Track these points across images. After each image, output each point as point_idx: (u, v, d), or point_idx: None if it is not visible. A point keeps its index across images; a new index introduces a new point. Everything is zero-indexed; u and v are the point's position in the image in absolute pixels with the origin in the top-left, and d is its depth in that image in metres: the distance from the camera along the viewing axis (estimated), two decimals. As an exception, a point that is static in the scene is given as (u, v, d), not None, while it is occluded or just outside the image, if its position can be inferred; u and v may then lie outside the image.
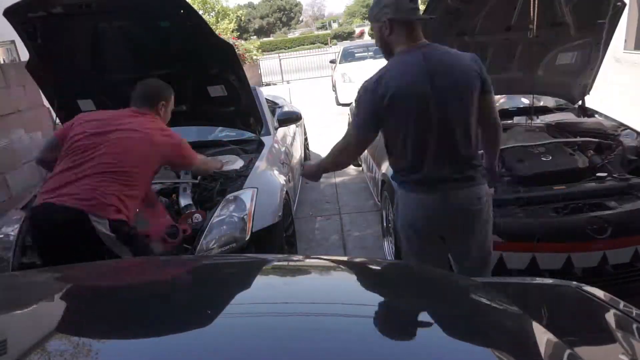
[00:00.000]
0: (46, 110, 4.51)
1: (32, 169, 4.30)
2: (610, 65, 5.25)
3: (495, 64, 3.32)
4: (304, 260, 1.55)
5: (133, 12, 2.69)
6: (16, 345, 0.86)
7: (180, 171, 2.98)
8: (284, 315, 0.96)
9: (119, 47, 2.87)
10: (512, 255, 2.36)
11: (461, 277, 1.37)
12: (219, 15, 16.71)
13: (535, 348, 0.93)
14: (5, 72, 4.15)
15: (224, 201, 2.53)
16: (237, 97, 3.15)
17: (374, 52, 12.21)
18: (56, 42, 2.77)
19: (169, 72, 3.02)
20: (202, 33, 2.71)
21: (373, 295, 1.14)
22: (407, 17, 1.75)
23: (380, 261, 1.94)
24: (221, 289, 1.16)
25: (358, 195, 4.71)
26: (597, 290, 1.31)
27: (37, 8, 2.54)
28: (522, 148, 2.84)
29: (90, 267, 1.45)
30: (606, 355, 1.02)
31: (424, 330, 0.93)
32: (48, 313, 1.02)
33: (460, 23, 2.94)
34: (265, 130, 3.58)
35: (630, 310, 1.20)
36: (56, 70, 2.97)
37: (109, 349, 0.85)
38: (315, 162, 2.22)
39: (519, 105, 4.17)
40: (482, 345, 0.90)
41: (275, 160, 3.38)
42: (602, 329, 1.15)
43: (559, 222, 2.36)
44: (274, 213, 2.64)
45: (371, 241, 3.64)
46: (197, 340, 0.85)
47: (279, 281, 1.26)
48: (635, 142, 2.95)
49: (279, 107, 4.96)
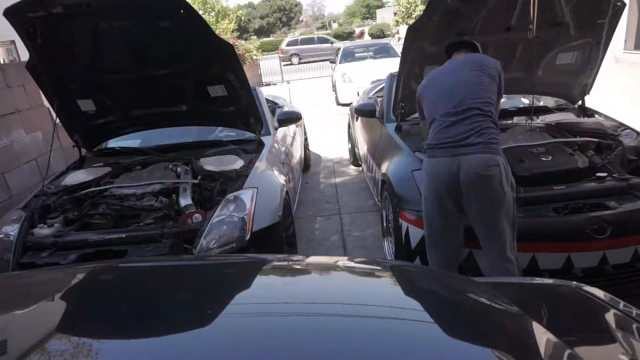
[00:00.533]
0: (46, 110, 4.51)
1: (32, 169, 4.31)
2: (610, 65, 5.24)
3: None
4: (304, 260, 1.55)
5: (133, 12, 2.69)
6: (16, 345, 0.86)
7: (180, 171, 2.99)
8: (284, 315, 0.96)
9: (119, 47, 2.87)
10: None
11: (461, 277, 1.37)
12: (219, 15, 16.70)
13: (535, 348, 0.93)
14: (5, 72, 4.15)
15: (224, 201, 2.53)
16: (237, 97, 3.15)
17: (374, 52, 12.23)
18: (56, 42, 2.77)
19: (169, 72, 3.02)
20: (202, 33, 2.71)
21: (373, 295, 1.14)
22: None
23: (380, 261, 1.94)
24: (221, 289, 1.16)
25: (358, 195, 4.70)
26: (597, 290, 1.31)
27: (37, 8, 2.53)
28: (522, 148, 2.84)
29: (90, 267, 1.45)
30: (606, 355, 1.02)
31: (424, 330, 0.93)
32: (48, 313, 1.02)
33: (460, 23, 2.94)
34: (265, 130, 3.58)
35: (630, 310, 1.20)
36: (56, 70, 2.97)
37: (109, 349, 0.86)
38: None
39: (519, 105, 4.17)
40: (482, 345, 0.90)
41: (275, 160, 3.38)
42: (602, 329, 1.15)
43: (559, 222, 2.36)
44: (274, 213, 2.64)
45: (371, 241, 3.64)
46: (197, 340, 0.85)
47: (279, 281, 1.26)
48: (635, 142, 2.95)
49: (279, 107, 4.96)
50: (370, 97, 5.03)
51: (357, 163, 5.35)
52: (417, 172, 2.72)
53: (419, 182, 2.65)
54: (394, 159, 3.12)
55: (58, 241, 2.38)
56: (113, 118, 3.39)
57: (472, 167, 2.14)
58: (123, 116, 3.39)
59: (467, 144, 2.17)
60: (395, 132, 3.47)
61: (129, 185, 2.83)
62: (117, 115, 3.37)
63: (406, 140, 3.26)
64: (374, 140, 3.93)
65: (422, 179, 2.67)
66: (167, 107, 3.33)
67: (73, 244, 2.36)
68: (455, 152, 2.19)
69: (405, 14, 18.32)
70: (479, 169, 2.13)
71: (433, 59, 3.15)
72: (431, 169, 2.30)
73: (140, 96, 3.25)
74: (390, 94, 3.81)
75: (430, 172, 2.31)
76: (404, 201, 2.68)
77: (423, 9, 2.73)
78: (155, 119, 3.42)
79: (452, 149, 2.20)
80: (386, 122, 3.68)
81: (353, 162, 5.69)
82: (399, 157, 3.08)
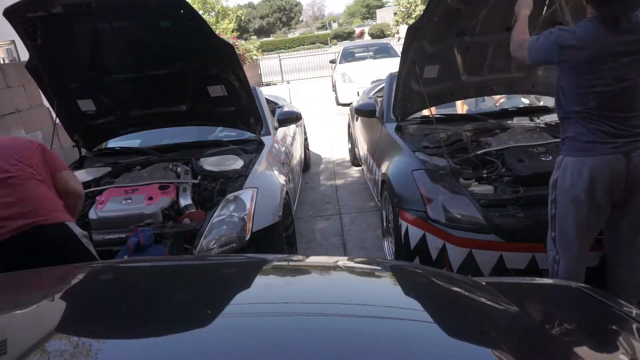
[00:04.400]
0: (46, 110, 4.51)
1: (32, 169, 4.30)
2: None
3: (496, 64, 3.33)
4: (304, 260, 1.55)
5: (133, 12, 2.69)
6: (16, 345, 0.86)
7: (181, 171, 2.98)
8: (284, 315, 0.96)
9: (119, 47, 2.87)
10: (512, 255, 2.36)
11: (461, 277, 1.37)
12: (219, 15, 16.72)
13: (536, 348, 0.93)
14: (5, 72, 4.15)
15: (224, 201, 2.53)
16: (237, 97, 3.15)
17: (374, 52, 12.23)
18: (56, 42, 2.77)
19: (169, 72, 3.02)
20: (202, 33, 2.71)
21: (373, 295, 1.14)
22: None
23: (380, 261, 1.94)
24: (221, 289, 1.16)
25: (358, 195, 4.70)
26: (597, 290, 1.31)
27: (37, 8, 2.54)
28: (522, 148, 2.84)
29: (90, 267, 1.45)
30: (606, 355, 1.02)
31: (424, 330, 0.93)
32: (48, 313, 1.02)
33: (460, 23, 2.94)
34: (265, 130, 3.59)
35: (630, 310, 1.20)
36: (56, 70, 2.97)
37: (109, 349, 0.86)
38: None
39: (519, 105, 4.17)
40: (482, 345, 0.90)
41: (275, 160, 3.38)
42: (602, 329, 1.15)
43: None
44: (274, 213, 2.64)
45: (371, 241, 3.64)
46: (197, 340, 0.85)
47: (279, 281, 1.26)
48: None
49: (279, 107, 4.96)
50: (370, 97, 5.03)
51: (357, 163, 5.35)
52: (417, 172, 2.72)
53: (419, 182, 2.65)
54: (394, 159, 3.12)
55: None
56: (113, 118, 3.40)
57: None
58: (123, 116, 3.39)
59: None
60: (395, 132, 3.47)
61: (129, 185, 2.83)
62: (117, 115, 3.37)
63: (406, 140, 3.26)
64: (374, 140, 3.93)
65: (422, 179, 2.67)
66: (167, 107, 3.33)
67: None
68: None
69: (405, 14, 18.30)
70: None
71: (433, 59, 3.16)
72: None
73: (140, 96, 3.25)
74: (390, 94, 3.81)
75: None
76: (404, 201, 2.69)
77: (423, 9, 2.73)
78: (155, 119, 3.42)
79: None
80: (386, 122, 3.69)
81: (353, 162, 5.69)
82: (399, 157, 3.08)
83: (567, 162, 2.01)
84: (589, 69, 1.92)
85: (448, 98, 3.61)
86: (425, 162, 2.88)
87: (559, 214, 2.07)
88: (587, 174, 1.95)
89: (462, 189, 2.55)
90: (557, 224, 2.09)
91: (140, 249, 2.21)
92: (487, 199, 2.52)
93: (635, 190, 1.98)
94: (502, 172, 2.77)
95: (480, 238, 2.37)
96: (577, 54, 1.92)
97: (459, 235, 2.40)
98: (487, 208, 2.44)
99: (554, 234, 2.11)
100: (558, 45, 1.95)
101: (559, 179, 2.04)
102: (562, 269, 2.10)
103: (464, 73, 3.34)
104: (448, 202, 2.48)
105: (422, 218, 2.52)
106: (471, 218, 2.40)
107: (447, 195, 2.52)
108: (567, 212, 2.04)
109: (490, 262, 2.37)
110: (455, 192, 2.53)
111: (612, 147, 1.93)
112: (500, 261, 2.36)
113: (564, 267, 2.09)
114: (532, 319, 1.04)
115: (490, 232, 2.35)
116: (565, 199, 2.03)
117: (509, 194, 2.57)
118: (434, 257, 2.48)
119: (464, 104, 4.37)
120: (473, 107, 4.41)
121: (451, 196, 2.51)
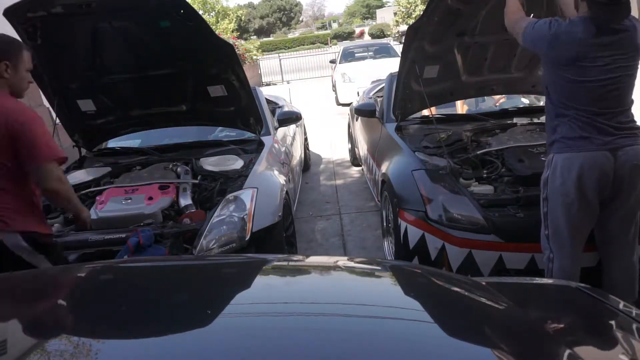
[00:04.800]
0: (46, 110, 4.51)
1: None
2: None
3: (496, 64, 3.33)
4: (304, 260, 1.55)
5: (133, 12, 2.69)
6: (16, 345, 0.86)
7: (179, 172, 2.98)
8: (284, 315, 0.96)
9: (119, 47, 2.87)
10: (511, 255, 2.36)
11: (461, 277, 1.37)
12: (219, 15, 16.72)
13: (535, 348, 0.93)
14: (5, 72, 4.14)
15: (224, 201, 2.53)
16: (237, 97, 3.15)
17: (374, 52, 12.23)
18: (56, 42, 2.77)
19: (169, 72, 3.03)
20: (202, 33, 2.71)
21: (373, 295, 1.14)
22: None
23: (380, 261, 1.94)
24: (221, 289, 1.16)
25: (358, 195, 4.70)
26: (597, 290, 1.31)
27: (37, 8, 2.53)
28: (522, 148, 2.84)
29: (90, 267, 1.45)
30: (606, 355, 1.02)
31: (423, 330, 0.93)
32: (48, 313, 1.02)
33: (460, 23, 2.94)
34: (265, 130, 3.59)
35: (630, 310, 1.20)
36: (56, 70, 2.97)
37: (109, 349, 0.86)
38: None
39: (519, 105, 4.17)
40: (482, 345, 0.91)
41: (275, 160, 3.38)
42: (602, 329, 1.15)
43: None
44: (274, 213, 2.64)
45: (371, 241, 3.64)
46: (197, 340, 0.85)
47: (279, 281, 1.26)
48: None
49: (279, 107, 4.96)
50: (370, 97, 5.03)
51: (357, 163, 5.35)
52: (417, 172, 2.72)
53: (419, 182, 2.65)
54: (394, 159, 3.12)
55: (58, 241, 2.38)
56: (113, 118, 3.40)
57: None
58: (123, 116, 3.39)
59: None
60: (395, 132, 3.47)
61: (129, 185, 2.83)
62: (117, 115, 3.37)
63: (406, 140, 3.26)
64: (374, 140, 3.93)
65: (422, 179, 2.67)
66: (167, 107, 3.33)
67: (73, 244, 2.36)
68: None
69: (405, 14, 18.33)
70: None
71: (433, 59, 3.16)
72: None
73: (140, 96, 3.26)
74: (390, 94, 3.81)
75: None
76: (404, 201, 2.69)
77: (423, 9, 2.73)
78: (155, 119, 3.42)
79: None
80: (386, 122, 3.69)
81: (353, 162, 5.69)
82: (399, 157, 3.08)
83: (557, 160, 2.03)
84: (576, 65, 1.94)
85: (448, 98, 3.61)
86: (425, 162, 2.88)
87: (551, 212, 2.09)
88: (577, 171, 1.97)
89: (462, 189, 2.55)
90: (550, 221, 2.11)
91: (140, 249, 2.21)
92: (487, 199, 2.52)
93: (623, 188, 2.01)
94: (502, 172, 2.77)
95: (479, 238, 2.37)
96: (567, 48, 1.94)
97: (458, 236, 2.40)
98: (487, 208, 2.44)
99: (547, 232, 2.13)
100: (551, 37, 1.97)
101: (550, 177, 2.06)
102: (557, 267, 2.11)
103: (464, 73, 3.34)
104: (448, 202, 2.48)
105: (422, 218, 2.52)
106: (471, 218, 2.40)
107: (447, 196, 2.52)
108: (559, 209, 2.06)
109: (490, 262, 2.37)
110: (455, 192, 2.53)
111: (600, 144, 1.95)
112: (499, 261, 2.36)
113: (559, 266, 2.11)
114: (531, 319, 1.04)
115: (490, 232, 2.35)
116: (556, 197, 2.05)
117: (509, 194, 2.57)
118: (433, 257, 2.48)
119: (464, 104, 4.37)
120: (473, 107, 4.41)
121: (451, 196, 2.51)
